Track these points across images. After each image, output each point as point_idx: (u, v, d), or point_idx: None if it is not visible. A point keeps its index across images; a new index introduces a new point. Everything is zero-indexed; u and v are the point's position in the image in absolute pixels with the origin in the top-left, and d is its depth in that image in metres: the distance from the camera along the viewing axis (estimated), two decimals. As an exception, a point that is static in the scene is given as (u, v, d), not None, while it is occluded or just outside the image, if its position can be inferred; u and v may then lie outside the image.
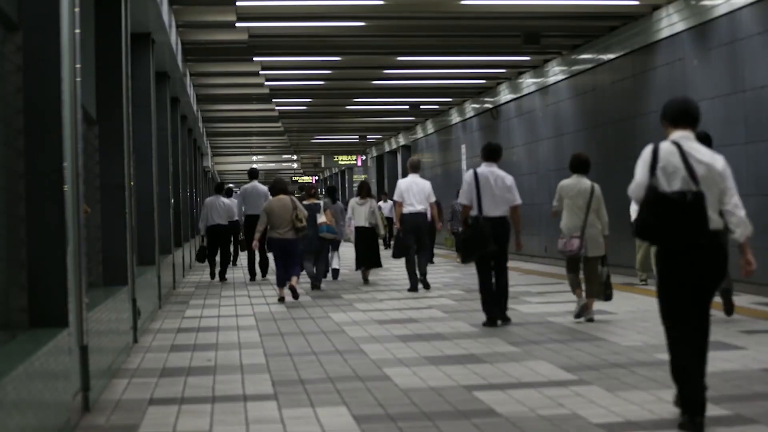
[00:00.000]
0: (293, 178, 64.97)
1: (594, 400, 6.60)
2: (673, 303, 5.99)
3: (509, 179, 10.90)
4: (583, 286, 11.03)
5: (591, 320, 10.85)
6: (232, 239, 20.58)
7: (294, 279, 14.23)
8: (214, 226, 19.61)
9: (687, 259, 5.87)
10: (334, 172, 59.80)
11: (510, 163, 24.07)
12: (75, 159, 6.67)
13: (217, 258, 19.84)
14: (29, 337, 5.84)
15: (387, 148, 41.40)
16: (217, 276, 19.47)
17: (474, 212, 10.70)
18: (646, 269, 14.61)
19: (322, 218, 16.13)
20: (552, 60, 20.59)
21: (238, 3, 14.62)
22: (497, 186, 10.75)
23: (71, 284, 6.33)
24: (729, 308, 10.61)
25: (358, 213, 17.10)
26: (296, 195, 22.21)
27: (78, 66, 6.86)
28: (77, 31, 6.86)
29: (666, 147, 5.94)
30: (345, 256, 20.21)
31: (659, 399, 6.57)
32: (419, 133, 34.80)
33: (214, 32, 17.51)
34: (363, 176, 49.25)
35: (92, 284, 8.86)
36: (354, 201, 17.36)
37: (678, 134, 6.02)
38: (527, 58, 20.74)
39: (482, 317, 10.94)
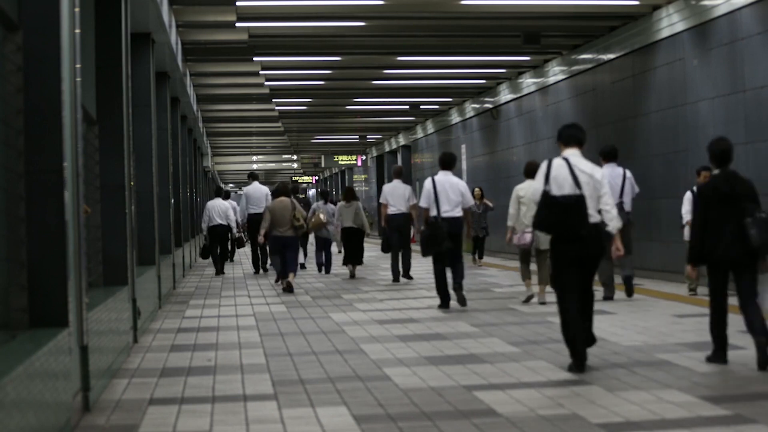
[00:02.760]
0: (293, 178, 64.97)
1: (594, 400, 6.60)
2: (562, 277, 7.90)
3: (462, 185, 12.47)
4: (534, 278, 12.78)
5: (543, 303, 12.40)
6: (230, 237, 22.41)
7: (291, 275, 15.76)
8: (215, 226, 21.35)
9: (573, 245, 7.80)
10: (334, 172, 59.78)
11: (510, 163, 24.08)
12: (75, 159, 6.67)
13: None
14: (29, 337, 5.84)
15: (387, 148, 41.40)
16: (220, 271, 21.16)
17: (433, 213, 12.20)
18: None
19: None
20: (552, 60, 20.60)
21: (238, 3, 14.62)
22: (452, 191, 12.29)
23: (71, 284, 6.33)
24: (629, 291, 12.80)
25: (345, 215, 18.63)
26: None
27: (78, 66, 6.86)
28: (77, 31, 6.86)
29: (557, 162, 7.95)
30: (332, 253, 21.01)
31: (659, 399, 6.57)
32: (419, 133, 34.80)
33: (214, 32, 17.52)
34: (363, 176, 49.28)
35: (92, 284, 8.86)
36: (341, 204, 18.91)
37: (568, 152, 8.05)
38: (527, 58, 20.74)
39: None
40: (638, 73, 16.57)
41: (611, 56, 17.56)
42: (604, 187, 7.90)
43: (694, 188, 12.33)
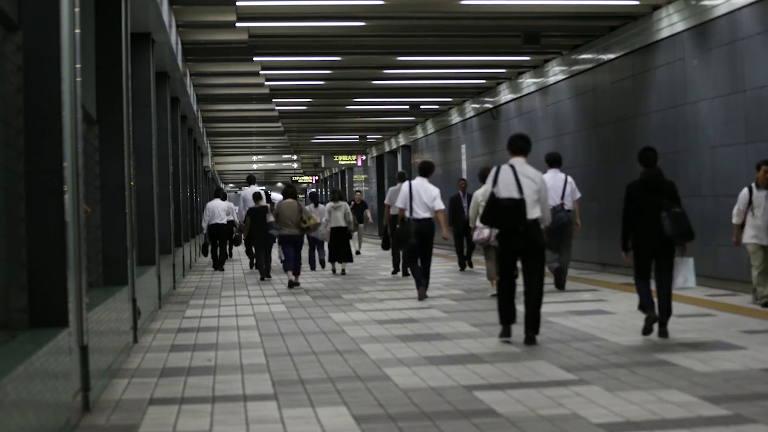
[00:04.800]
0: (293, 178, 64.98)
1: (594, 400, 6.61)
2: (505, 265, 9.46)
3: (435, 191, 13.95)
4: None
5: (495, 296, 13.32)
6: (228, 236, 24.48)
7: (296, 276, 16.79)
8: (215, 225, 23.05)
9: (514, 240, 9.31)
10: (334, 172, 59.79)
11: (510, 163, 24.06)
12: (75, 159, 6.67)
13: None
14: (29, 337, 5.84)
15: (387, 148, 41.39)
16: (218, 266, 22.85)
17: (407, 214, 13.69)
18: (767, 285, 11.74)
19: (271, 218, 18.88)
20: (552, 60, 20.59)
21: (238, 3, 14.62)
22: (425, 195, 13.78)
23: (71, 284, 6.33)
24: (561, 284, 14.35)
25: (334, 215, 19.70)
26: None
27: (78, 66, 6.86)
28: (77, 31, 6.86)
29: (504, 168, 9.42)
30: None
31: (659, 399, 6.57)
32: (419, 133, 34.80)
33: (214, 32, 17.51)
34: (363, 176, 49.26)
35: (92, 284, 8.86)
36: (329, 205, 20.07)
37: (514, 160, 9.49)
38: (527, 58, 20.74)
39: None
40: (638, 73, 16.57)
41: (611, 56, 17.55)
42: (542, 191, 9.42)
43: (752, 184, 11.91)
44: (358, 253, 26.82)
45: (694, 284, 9.64)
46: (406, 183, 13.97)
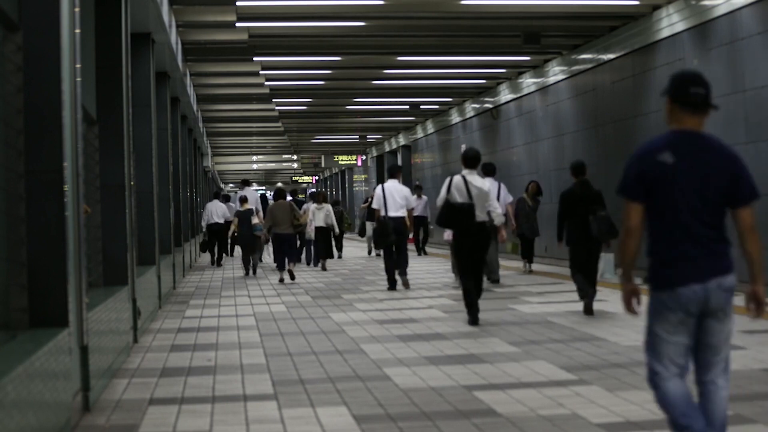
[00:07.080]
0: (293, 178, 64.98)
1: (594, 400, 6.61)
2: (461, 260, 11.05)
3: (407, 191, 15.60)
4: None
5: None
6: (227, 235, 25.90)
7: (291, 264, 18.05)
8: (213, 224, 24.20)
9: (466, 238, 10.93)
10: (334, 172, 59.78)
11: (510, 163, 24.08)
12: (75, 159, 6.67)
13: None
14: (29, 337, 5.84)
15: (387, 148, 41.40)
16: (215, 263, 24.71)
17: (382, 213, 15.18)
18: None
19: (255, 220, 20.49)
20: (552, 60, 20.60)
21: (238, 3, 14.62)
22: (398, 196, 15.36)
23: (71, 284, 6.33)
24: (496, 278, 16.05)
25: (317, 216, 21.14)
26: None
27: (78, 66, 6.85)
28: (77, 31, 6.86)
29: (457, 178, 11.05)
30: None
31: (659, 399, 6.56)
32: (419, 133, 34.80)
33: (214, 32, 17.52)
34: (363, 176, 49.25)
35: (92, 284, 8.86)
36: (313, 206, 21.39)
37: (465, 171, 11.07)
38: (527, 58, 20.75)
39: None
40: (638, 73, 16.57)
41: (611, 56, 17.56)
42: (490, 195, 11.16)
43: None
44: (371, 253, 27.11)
45: (612, 274, 12.77)
46: (379, 186, 15.48)
